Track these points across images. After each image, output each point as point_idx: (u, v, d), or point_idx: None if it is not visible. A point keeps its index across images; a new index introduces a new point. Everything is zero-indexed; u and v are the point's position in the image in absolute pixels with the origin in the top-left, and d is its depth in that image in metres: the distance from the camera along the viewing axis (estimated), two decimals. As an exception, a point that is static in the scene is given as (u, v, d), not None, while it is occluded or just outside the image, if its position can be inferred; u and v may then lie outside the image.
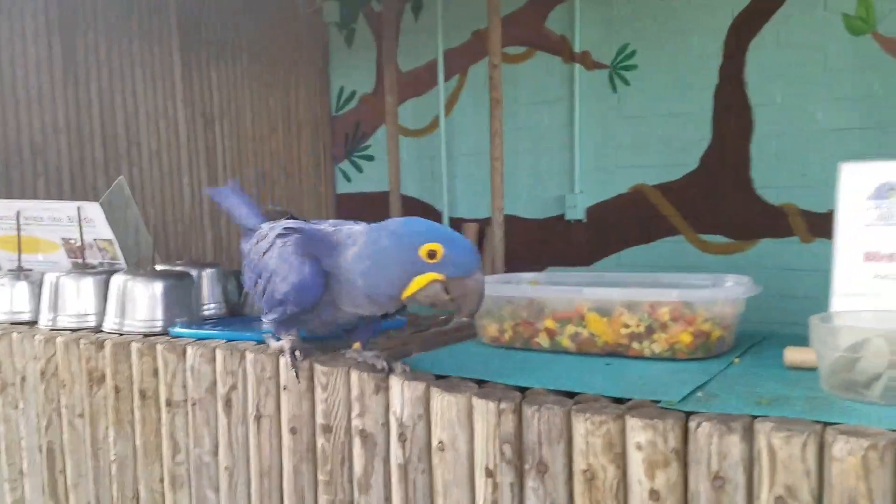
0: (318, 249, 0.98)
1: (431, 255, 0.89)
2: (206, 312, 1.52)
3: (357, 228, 1.00)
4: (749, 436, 0.74)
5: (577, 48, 3.66)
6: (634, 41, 3.51)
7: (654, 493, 0.79)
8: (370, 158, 4.47)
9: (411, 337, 1.28)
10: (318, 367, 1.01)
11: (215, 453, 1.14)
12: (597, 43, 3.62)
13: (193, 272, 1.50)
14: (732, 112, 3.33)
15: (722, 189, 3.37)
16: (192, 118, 3.92)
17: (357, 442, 0.98)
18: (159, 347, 1.19)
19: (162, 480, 1.22)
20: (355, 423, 0.98)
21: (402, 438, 0.94)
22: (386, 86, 4.04)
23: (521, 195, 3.91)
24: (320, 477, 1.02)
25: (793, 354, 0.96)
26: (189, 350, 1.16)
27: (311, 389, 1.03)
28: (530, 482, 0.86)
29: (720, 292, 1.03)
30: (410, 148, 4.31)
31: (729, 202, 3.36)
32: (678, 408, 0.81)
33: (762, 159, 3.28)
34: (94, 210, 1.59)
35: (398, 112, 4.24)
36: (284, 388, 1.05)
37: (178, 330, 1.26)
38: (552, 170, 3.81)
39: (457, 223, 4.06)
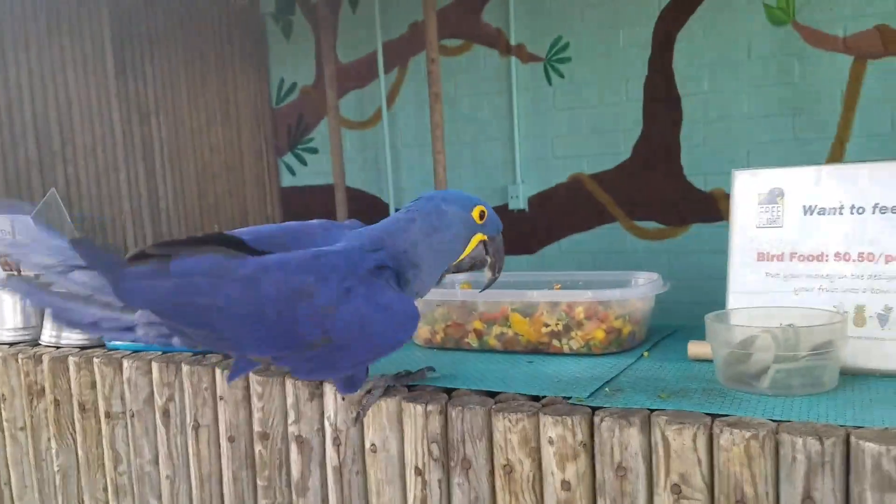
0: (394, 262, 0.91)
1: (482, 216, 0.95)
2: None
3: (399, 215, 0.96)
4: (647, 429, 0.82)
5: (512, 41, 3.72)
6: (567, 34, 3.60)
7: (565, 484, 0.86)
8: (314, 151, 4.47)
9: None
10: (254, 377, 1.05)
11: (156, 463, 1.17)
12: (531, 36, 3.69)
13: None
14: (662, 102, 3.45)
15: (654, 177, 3.49)
16: (127, 113, 3.85)
17: (294, 447, 1.03)
18: (96, 361, 1.21)
19: (105, 490, 1.24)
20: (291, 429, 1.03)
21: (336, 442, 0.99)
22: (326, 79, 4.04)
23: (465, 186, 3.97)
24: (259, 482, 1.06)
25: (695, 348, 1.04)
26: (125, 363, 1.18)
27: (248, 398, 1.07)
28: (456, 478, 0.93)
29: (629, 291, 1.11)
30: (354, 140, 4.32)
31: (661, 189, 3.48)
32: (586, 403, 0.88)
33: (691, 147, 3.41)
34: (26, 223, 1.58)
35: (341, 104, 4.25)
36: (221, 399, 1.08)
37: (114, 342, 1.28)
38: (495, 161, 3.88)
39: (401, 214, 4.10)
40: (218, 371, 1.09)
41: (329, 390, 1.00)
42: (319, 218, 1.03)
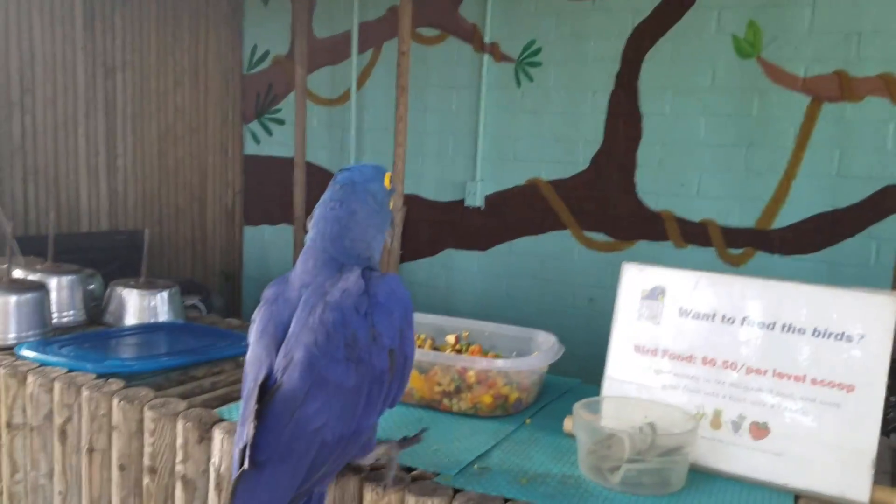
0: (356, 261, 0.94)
1: (391, 181, 1.00)
2: (65, 320, 1.55)
3: (332, 213, 0.96)
4: (498, 518, 0.87)
5: (486, 38, 3.72)
6: (540, 39, 3.61)
7: (421, 558, 0.91)
8: (280, 122, 4.44)
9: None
10: (148, 413, 1.09)
11: (51, 477, 1.21)
12: (505, 36, 3.69)
13: (52, 280, 1.53)
14: (624, 118, 3.49)
15: (608, 190, 3.55)
16: (91, 67, 3.79)
17: (179, 485, 1.07)
18: (1, 371, 1.24)
19: (1, 494, 1.28)
20: (178, 468, 1.07)
21: (219, 487, 1.04)
22: (296, 54, 4.00)
23: (426, 176, 3.99)
24: (144, 509, 1.11)
25: (568, 424, 1.10)
26: (30, 378, 1.21)
27: (140, 432, 1.10)
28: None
29: (519, 362, 1.16)
30: (322, 116, 4.30)
31: (613, 203, 3.55)
32: (451, 483, 0.94)
33: (647, 166, 3.47)
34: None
35: (312, 78, 4.21)
36: (115, 428, 1.12)
37: (24, 352, 1.30)
38: (457, 155, 3.90)
39: (362, 197, 4.11)
40: (115, 400, 1.13)
41: (217, 435, 1.04)
42: (278, 189, 1.03)
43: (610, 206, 3.55)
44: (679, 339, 1.03)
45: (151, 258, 4.19)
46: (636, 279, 1.07)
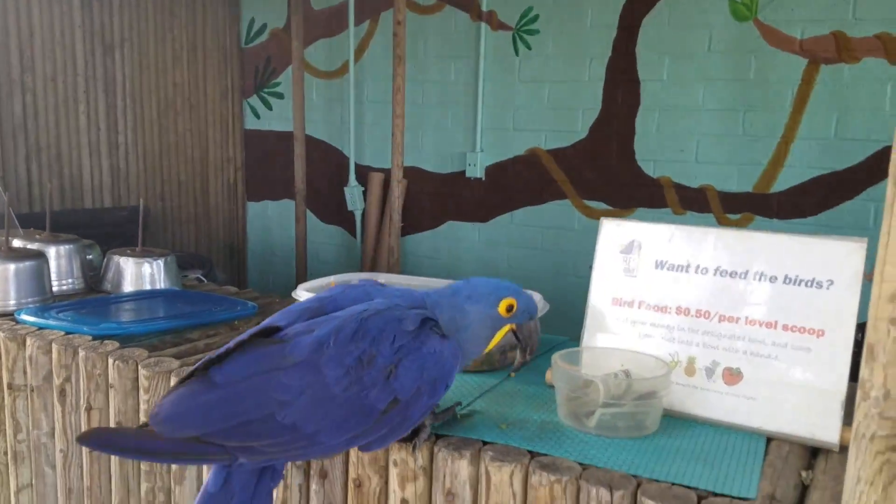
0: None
1: (509, 309, 0.95)
2: (64, 288, 1.59)
3: (435, 294, 0.96)
4: (476, 461, 0.91)
5: (484, 6, 3.70)
6: (538, 6, 3.59)
7: (404, 502, 0.95)
8: (280, 96, 4.45)
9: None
10: (142, 371, 1.13)
11: (52, 436, 1.25)
12: (503, 4, 3.67)
13: (51, 248, 1.56)
14: (622, 85, 3.49)
15: (607, 158, 3.55)
16: (90, 45, 3.80)
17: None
18: (1, 335, 1.27)
19: (6, 454, 1.32)
20: (173, 422, 1.11)
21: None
22: (293, 27, 4.00)
23: (426, 148, 4.00)
24: (143, 467, 1.15)
25: (549, 376, 1.13)
26: (28, 340, 1.25)
27: (136, 389, 1.14)
28: (314, 485, 1.02)
29: (503, 318, 1.19)
30: (321, 89, 4.30)
31: (612, 171, 3.55)
32: (433, 429, 0.97)
33: (645, 133, 3.47)
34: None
35: (310, 51, 4.21)
36: (112, 387, 1.16)
37: (23, 317, 1.33)
38: (456, 126, 3.91)
39: (363, 171, 4.14)
40: (110, 360, 1.16)
41: (209, 391, 1.07)
42: (279, 164, 1.00)
43: (609, 175, 3.56)
44: (655, 291, 1.05)
45: (155, 233, 4.23)
46: (614, 234, 1.09)
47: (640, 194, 3.50)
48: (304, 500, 1.04)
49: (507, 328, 0.96)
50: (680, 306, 1.03)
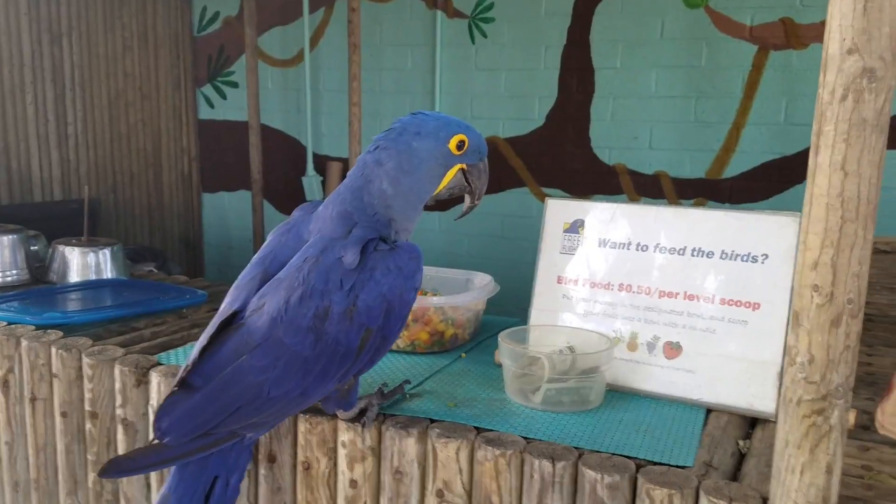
0: (371, 230, 0.87)
1: (460, 146, 0.88)
2: (8, 279, 1.55)
3: (360, 167, 0.89)
4: (423, 439, 0.92)
5: (439, -6, 3.69)
6: (493, -7, 3.60)
7: (353, 482, 0.96)
8: (234, 85, 4.38)
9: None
10: (86, 360, 1.11)
11: (-5, 429, 1.23)
12: (457, -9, 3.67)
13: (-8, 240, 1.52)
14: (577, 73, 3.52)
15: (563, 146, 3.59)
16: (37, 33, 3.70)
17: (120, 429, 1.10)
18: (-58, 327, 1.24)
19: (-51, 449, 1.29)
20: (118, 411, 1.09)
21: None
22: (246, 15, 3.94)
23: (383, 137, 3.98)
24: (89, 457, 1.13)
25: (499, 355, 1.14)
26: (-31, 332, 1.22)
27: (80, 379, 1.12)
28: (262, 470, 1.02)
29: (453, 299, 1.20)
30: (276, 77, 4.25)
31: (569, 159, 3.58)
32: (382, 410, 0.97)
33: (600, 120, 3.51)
34: None
35: (264, 39, 4.16)
36: (55, 376, 1.14)
37: (-32, 308, 1.30)
38: (414, 114, 3.89)
39: (322, 161, 4.11)
40: (53, 349, 1.14)
41: (154, 379, 1.06)
42: (235, 154, 0.96)
43: (566, 162, 3.59)
44: (598, 269, 1.07)
45: (107, 226, 4.14)
46: (558, 214, 1.11)
47: (596, 181, 3.54)
48: (252, 485, 1.03)
49: (458, 167, 0.90)
50: (622, 283, 1.05)
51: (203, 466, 0.88)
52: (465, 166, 0.91)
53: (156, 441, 0.84)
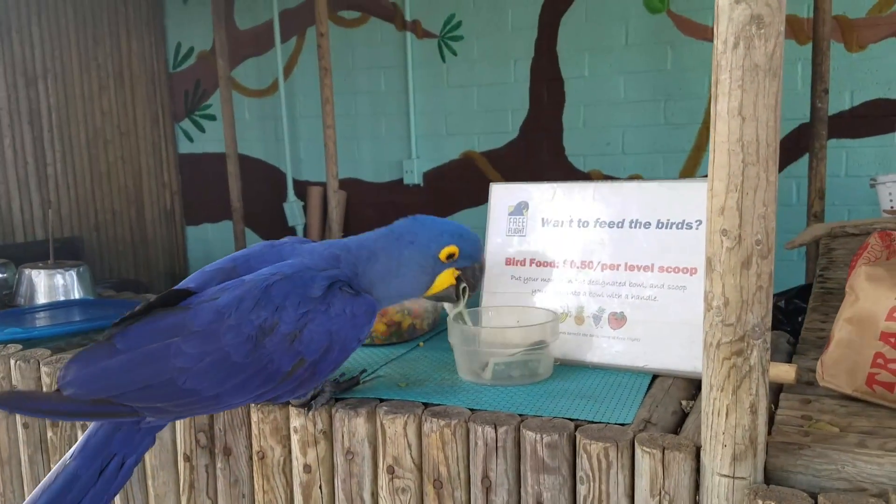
0: (355, 282, 0.92)
1: (450, 257, 0.95)
2: (-25, 305, 1.56)
3: (366, 242, 0.96)
4: (372, 417, 0.93)
5: (408, 16, 3.76)
6: (460, 12, 3.66)
7: (307, 467, 0.96)
8: (212, 118, 4.43)
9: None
10: (44, 368, 1.12)
11: (-42, 445, 1.23)
12: (426, 12, 3.74)
13: (-41, 266, 1.54)
14: (546, 83, 3.57)
15: (538, 156, 3.63)
16: (12, 77, 3.74)
17: (80, 434, 1.11)
18: None
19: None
20: (78, 416, 1.10)
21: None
22: (217, 48, 3.99)
23: (363, 158, 4.03)
24: (52, 466, 1.14)
25: (454, 342, 1.16)
26: (-71, 351, 1.23)
27: (39, 388, 1.13)
28: (219, 463, 1.03)
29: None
30: (253, 108, 4.30)
31: (545, 169, 3.62)
32: (338, 395, 0.98)
33: (573, 128, 3.56)
34: None
35: (239, 71, 4.22)
36: (15, 387, 1.15)
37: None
38: (391, 135, 3.94)
39: (302, 186, 4.14)
40: (12, 361, 1.15)
41: (112, 381, 1.07)
42: (216, 186, 0.99)
43: (542, 172, 3.63)
44: (543, 248, 1.09)
45: (91, 264, 4.14)
46: (503, 197, 1.13)
47: (571, 188, 3.56)
48: (211, 479, 1.04)
49: (449, 274, 0.96)
50: (566, 259, 1.07)
51: (107, 441, 0.87)
52: (458, 273, 0.97)
53: (57, 389, 0.83)
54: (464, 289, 0.99)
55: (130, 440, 0.88)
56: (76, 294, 1.59)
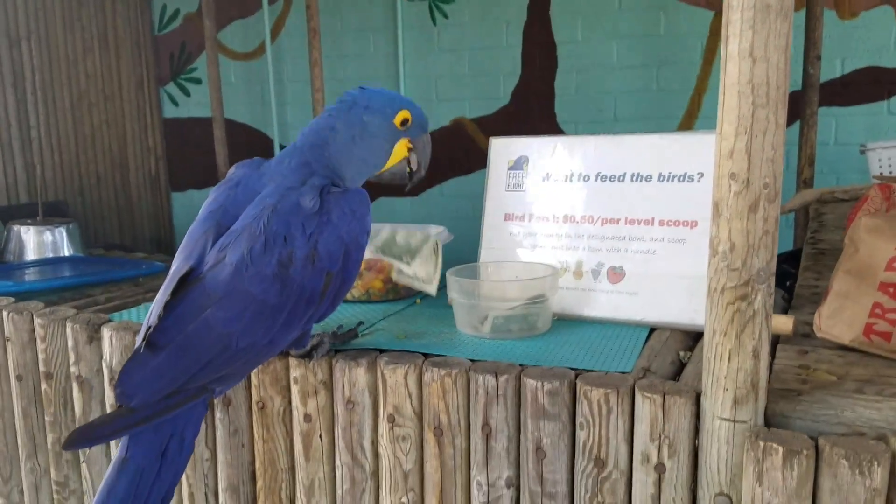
0: (325, 178, 0.90)
1: (404, 122, 0.93)
2: (-37, 261, 1.54)
3: (320, 124, 0.94)
4: (372, 368, 0.93)
5: (397, -23, 3.70)
6: (450, -27, 3.61)
7: (307, 416, 0.96)
8: (197, 81, 4.35)
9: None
10: (37, 321, 1.11)
11: (-48, 399, 1.22)
12: (416, -27, 3.68)
13: (-55, 222, 1.51)
14: (539, 48, 3.54)
15: (530, 123, 3.60)
16: (-7, 38, 3.66)
17: (75, 386, 1.10)
18: None
19: None
20: (72, 369, 1.09)
21: (113, 383, 1.07)
22: (204, 9, 3.91)
23: (350, 124, 3.97)
24: (46, 418, 1.13)
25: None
26: (-80, 305, 1.21)
27: (33, 341, 1.12)
28: (218, 413, 1.02)
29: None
30: (239, 71, 4.23)
31: (536, 136, 3.60)
32: (335, 346, 0.98)
33: (565, 94, 3.53)
34: None
35: (225, 33, 4.14)
36: (8, 340, 1.14)
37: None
38: (380, 99, 3.89)
39: (288, 151, 4.10)
40: (5, 313, 1.14)
41: (106, 334, 1.06)
42: (202, 151, 0.96)
43: (532, 138, 3.60)
44: (543, 202, 1.09)
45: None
46: (502, 152, 1.12)
47: (562, 155, 3.55)
48: (210, 429, 1.04)
49: (404, 144, 0.95)
50: (566, 214, 1.07)
51: (161, 426, 0.85)
52: (409, 143, 0.95)
53: (120, 405, 0.81)
54: (412, 172, 0.97)
55: (182, 415, 0.85)
56: (66, 251, 1.57)
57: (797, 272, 1.54)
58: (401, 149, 0.95)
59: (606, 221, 1.04)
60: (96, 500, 0.83)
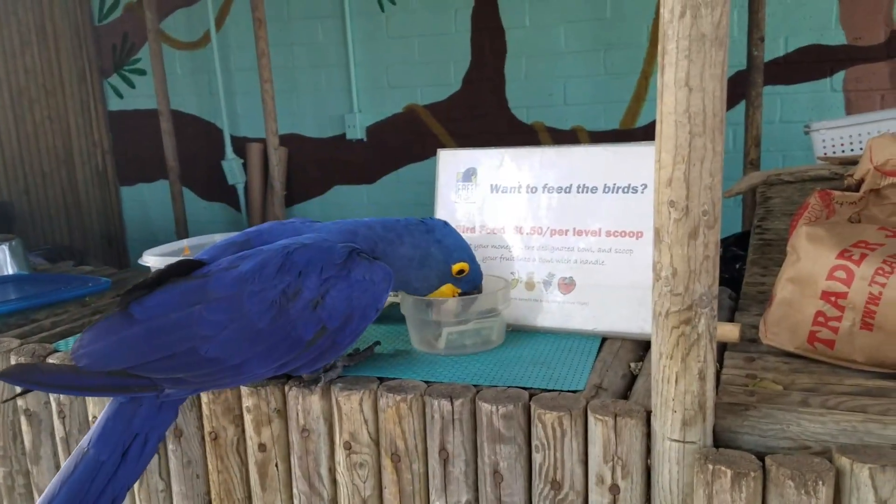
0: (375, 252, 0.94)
1: (460, 272, 0.98)
2: None
3: (394, 225, 0.97)
4: (326, 394, 0.92)
5: (342, -37, 3.63)
6: (397, -42, 3.55)
7: (262, 446, 0.96)
8: (142, 73, 4.23)
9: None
10: (-22, 355, 1.07)
11: None
12: (361, -42, 3.62)
13: None
14: (487, 34, 3.52)
15: (482, 108, 3.60)
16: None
17: (23, 420, 1.07)
18: None
19: None
20: (20, 402, 1.07)
21: (61, 415, 1.04)
22: (145, -1, 3.79)
23: (304, 113, 3.92)
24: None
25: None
26: None
27: (-24, 375, 1.09)
28: (171, 445, 1.01)
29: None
30: (184, 61, 4.12)
31: (488, 121, 3.60)
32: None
33: (515, 80, 3.53)
34: None
35: (168, 22, 4.02)
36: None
37: None
38: (332, 88, 3.84)
39: (241, 143, 4.02)
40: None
41: (52, 366, 1.03)
42: (149, 144, 0.95)
43: (486, 125, 3.61)
44: (492, 214, 1.09)
45: (23, 230, 3.97)
46: (451, 163, 1.12)
47: (516, 141, 3.56)
48: (163, 461, 1.02)
49: (451, 289, 0.99)
50: (516, 226, 1.07)
51: (128, 421, 0.84)
52: (458, 291, 1.00)
53: (71, 363, 0.80)
54: None
55: (151, 417, 0.85)
56: (9, 269, 1.52)
57: (746, 254, 1.57)
58: (448, 291, 0.99)
59: (555, 233, 1.05)
60: (49, 487, 0.82)
